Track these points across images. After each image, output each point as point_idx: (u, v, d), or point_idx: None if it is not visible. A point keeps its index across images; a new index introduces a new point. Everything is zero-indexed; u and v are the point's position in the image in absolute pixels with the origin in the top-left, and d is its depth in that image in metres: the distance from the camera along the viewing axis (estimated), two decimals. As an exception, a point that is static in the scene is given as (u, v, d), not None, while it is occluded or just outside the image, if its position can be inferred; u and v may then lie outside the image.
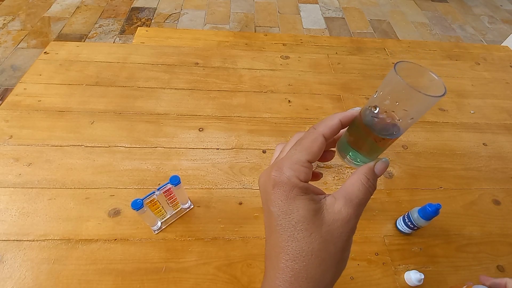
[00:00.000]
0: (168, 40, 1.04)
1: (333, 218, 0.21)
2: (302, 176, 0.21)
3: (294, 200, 0.21)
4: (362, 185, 0.22)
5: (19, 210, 0.57)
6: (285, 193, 0.21)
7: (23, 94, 0.77)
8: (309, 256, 0.20)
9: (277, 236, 0.21)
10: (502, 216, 0.64)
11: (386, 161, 0.23)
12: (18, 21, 2.00)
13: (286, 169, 0.21)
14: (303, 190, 0.21)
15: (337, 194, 0.22)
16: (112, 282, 0.50)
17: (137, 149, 0.68)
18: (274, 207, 0.21)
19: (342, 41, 1.09)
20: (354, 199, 0.21)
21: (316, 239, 0.20)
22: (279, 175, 0.21)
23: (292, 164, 0.21)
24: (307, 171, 0.22)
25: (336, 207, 0.21)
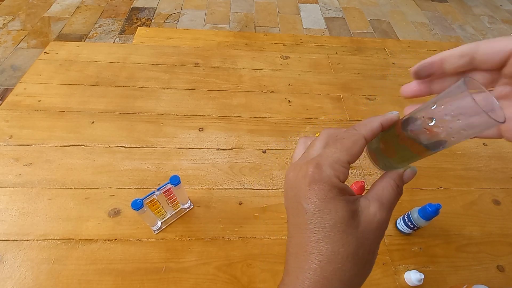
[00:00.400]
0: (168, 40, 1.04)
1: (368, 220, 0.20)
2: (342, 177, 0.21)
3: (333, 200, 0.20)
4: (392, 189, 0.22)
5: (19, 210, 0.57)
6: (323, 191, 0.20)
7: (23, 94, 0.77)
8: (345, 259, 0.19)
9: (309, 235, 0.20)
10: (502, 216, 0.64)
11: (414, 170, 0.23)
12: (18, 21, 2.00)
13: (326, 167, 0.20)
14: (341, 191, 0.20)
15: (370, 196, 0.21)
16: (112, 282, 0.50)
17: (137, 149, 0.68)
18: (310, 205, 0.20)
19: (342, 41, 1.09)
20: (386, 203, 0.21)
21: (353, 242, 0.20)
22: (318, 173, 0.20)
23: (333, 163, 0.21)
24: (346, 172, 0.21)
25: (371, 210, 0.21)
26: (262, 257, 0.55)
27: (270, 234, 0.57)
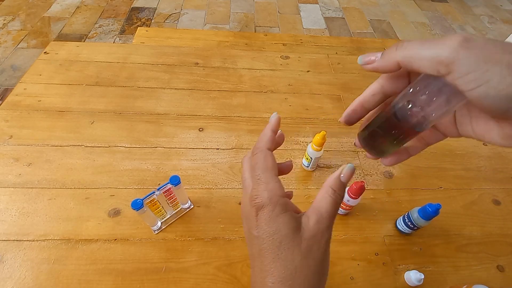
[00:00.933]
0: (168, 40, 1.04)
1: (309, 234, 0.22)
2: (279, 191, 0.23)
3: (277, 219, 0.22)
4: (329, 198, 0.23)
5: (19, 210, 0.57)
6: (268, 213, 0.22)
7: (23, 94, 0.77)
8: (294, 274, 0.21)
9: (262, 260, 0.22)
10: (502, 216, 0.64)
11: (351, 167, 0.24)
12: (18, 21, 2.00)
13: (262, 191, 0.23)
14: (283, 207, 0.22)
15: (309, 211, 0.23)
16: (112, 282, 0.50)
17: (137, 149, 0.68)
18: (259, 231, 0.22)
19: (342, 41, 1.09)
20: (324, 213, 0.23)
21: (298, 256, 0.21)
22: (260, 199, 0.22)
23: (266, 185, 0.23)
24: (281, 185, 0.23)
25: (311, 224, 0.22)
26: (262, 257, 0.54)
27: (270, 234, 0.57)
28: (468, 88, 0.17)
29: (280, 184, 0.23)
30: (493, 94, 0.16)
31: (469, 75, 0.17)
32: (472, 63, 0.16)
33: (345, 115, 0.25)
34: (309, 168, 0.67)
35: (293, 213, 0.23)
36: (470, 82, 0.17)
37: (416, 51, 0.19)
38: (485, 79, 0.16)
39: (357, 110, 0.25)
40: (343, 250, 0.56)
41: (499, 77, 0.16)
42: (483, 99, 0.17)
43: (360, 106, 0.24)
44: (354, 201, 0.55)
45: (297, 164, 0.69)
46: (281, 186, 0.23)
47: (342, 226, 0.60)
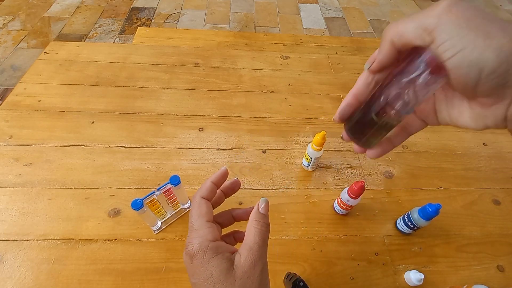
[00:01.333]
0: (168, 40, 1.04)
1: (242, 271, 0.23)
2: (210, 236, 0.24)
3: (209, 263, 0.23)
4: (254, 229, 0.25)
5: (19, 210, 0.57)
6: (200, 259, 0.23)
7: (23, 94, 0.77)
8: None
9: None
10: (502, 216, 0.64)
11: (265, 200, 0.27)
12: (18, 21, 2.00)
13: (194, 238, 0.24)
14: (214, 251, 0.23)
15: (241, 249, 0.25)
16: (112, 282, 0.50)
17: (137, 149, 0.68)
18: (196, 278, 0.23)
19: (342, 41, 1.09)
20: (253, 246, 0.24)
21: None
22: (191, 247, 0.24)
23: (197, 232, 0.25)
24: (212, 230, 0.25)
25: (242, 260, 0.23)
26: (262, 257, 0.54)
27: (270, 234, 0.57)
28: (446, 57, 0.17)
29: (212, 229, 0.25)
30: (465, 63, 0.16)
31: (447, 42, 0.16)
32: (452, 29, 0.16)
33: (340, 111, 0.25)
34: (309, 168, 0.67)
35: (226, 254, 0.24)
36: (448, 49, 0.16)
37: (405, 25, 0.18)
38: (460, 47, 0.16)
39: (351, 103, 0.24)
40: (343, 250, 0.56)
41: (472, 45, 0.15)
42: (457, 70, 0.16)
43: (355, 99, 0.24)
44: (354, 201, 0.55)
45: (297, 164, 0.69)
46: (213, 231, 0.25)
47: (342, 226, 0.60)
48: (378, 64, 0.22)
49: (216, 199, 0.30)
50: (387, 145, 0.26)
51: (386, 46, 0.20)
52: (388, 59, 0.21)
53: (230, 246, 0.26)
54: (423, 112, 0.24)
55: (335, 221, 0.60)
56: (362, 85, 0.23)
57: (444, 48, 0.16)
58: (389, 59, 0.21)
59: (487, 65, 0.16)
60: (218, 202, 0.30)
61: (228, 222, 0.30)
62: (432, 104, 0.23)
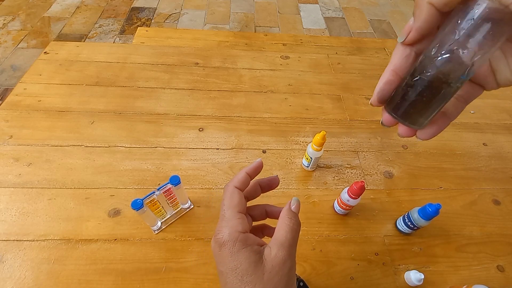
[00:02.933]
0: (168, 40, 1.04)
1: (271, 265, 0.23)
2: (240, 227, 0.24)
3: (238, 254, 0.23)
4: (287, 226, 0.25)
5: (19, 210, 0.57)
6: (229, 249, 0.23)
7: (23, 94, 0.77)
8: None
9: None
10: (502, 216, 0.64)
11: (296, 199, 0.28)
12: (18, 21, 2.00)
13: (224, 228, 0.24)
14: (244, 242, 0.23)
15: (271, 243, 0.24)
16: (112, 282, 0.50)
17: (137, 149, 0.68)
18: (223, 267, 0.23)
19: (342, 41, 1.09)
20: (284, 242, 0.24)
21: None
22: (221, 236, 0.24)
23: (227, 222, 0.24)
24: (242, 221, 0.25)
25: (272, 254, 0.23)
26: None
27: (270, 234, 0.57)
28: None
29: (243, 220, 0.25)
30: None
31: None
32: None
33: (378, 91, 0.22)
34: (309, 168, 0.67)
35: (254, 247, 0.24)
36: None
37: None
38: None
39: (391, 80, 0.21)
40: (343, 250, 0.56)
41: None
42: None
43: (394, 75, 0.21)
44: (354, 201, 0.55)
45: (297, 164, 0.69)
46: (243, 223, 0.25)
47: (342, 226, 0.60)
48: (416, 33, 0.19)
49: (252, 192, 0.29)
50: (442, 121, 0.22)
51: (425, 9, 0.17)
52: (428, 25, 0.18)
53: (259, 239, 0.26)
54: (479, 75, 0.20)
55: (335, 221, 0.60)
56: (400, 58, 0.20)
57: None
58: (429, 25, 0.18)
59: None
60: (254, 196, 0.30)
61: (261, 216, 0.30)
62: (487, 65, 0.20)
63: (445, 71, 0.18)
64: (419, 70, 0.20)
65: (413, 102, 0.20)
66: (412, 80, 0.20)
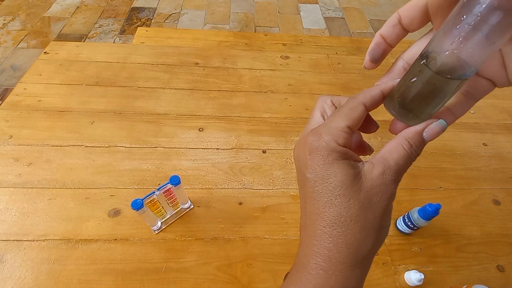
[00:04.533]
0: (168, 40, 1.04)
1: (371, 184, 0.20)
2: (340, 141, 0.20)
3: (332, 164, 0.20)
4: (402, 150, 0.20)
5: (19, 210, 0.57)
6: (322, 158, 0.20)
7: (23, 94, 0.77)
8: (348, 222, 0.19)
9: (314, 203, 0.20)
10: (502, 216, 0.64)
11: (442, 124, 0.20)
12: (18, 21, 2.00)
13: (324, 134, 0.20)
14: (341, 155, 0.20)
15: (375, 160, 0.21)
16: (112, 282, 0.50)
17: (137, 149, 0.68)
18: (311, 173, 0.20)
19: (342, 41, 1.09)
20: (393, 166, 0.20)
21: (355, 205, 0.19)
22: (317, 140, 0.20)
23: (330, 129, 0.21)
24: (346, 136, 0.21)
25: (374, 173, 0.20)
26: (262, 257, 0.55)
27: (270, 234, 0.57)
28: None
29: (348, 136, 0.21)
30: None
31: None
32: None
33: (369, 51, 0.22)
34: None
35: (352, 161, 0.20)
36: None
37: None
38: None
39: (380, 42, 0.22)
40: (343, 250, 0.56)
41: None
42: None
43: (382, 38, 0.22)
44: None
45: (297, 164, 0.69)
46: (348, 138, 0.21)
47: (342, 226, 0.60)
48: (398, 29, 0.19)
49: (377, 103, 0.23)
50: (448, 117, 0.21)
51: (417, 7, 0.18)
52: (392, 37, 0.19)
53: (356, 155, 0.22)
54: (490, 70, 0.20)
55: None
56: (388, 26, 0.21)
57: None
58: (393, 37, 0.19)
59: None
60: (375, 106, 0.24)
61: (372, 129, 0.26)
62: (498, 59, 0.19)
63: (447, 68, 0.18)
64: (417, 65, 0.19)
65: (413, 99, 0.20)
66: (413, 76, 0.20)
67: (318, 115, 0.24)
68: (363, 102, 0.22)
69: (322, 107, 0.25)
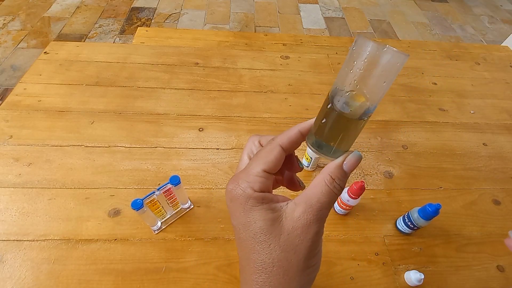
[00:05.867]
0: (168, 40, 1.04)
1: (292, 226, 0.20)
2: (256, 186, 0.21)
3: (251, 211, 0.20)
4: (324, 187, 0.21)
5: (19, 210, 0.57)
6: (241, 205, 0.20)
7: (23, 94, 0.77)
8: (271, 268, 0.19)
9: (242, 249, 0.21)
10: (502, 216, 0.64)
11: (356, 154, 0.22)
12: (18, 21, 2.00)
13: (241, 181, 0.21)
14: (258, 201, 0.20)
15: (298, 199, 0.21)
16: (112, 282, 0.50)
17: (137, 149, 0.68)
18: (234, 221, 0.21)
19: (342, 41, 1.09)
20: (314, 204, 0.20)
21: (276, 250, 0.19)
22: (234, 188, 0.21)
23: (247, 175, 0.21)
24: (263, 181, 0.21)
25: (296, 214, 0.20)
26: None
27: (270, 234, 0.57)
28: None
29: (266, 180, 0.21)
30: None
31: None
32: None
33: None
34: (309, 168, 0.67)
35: (272, 204, 0.21)
36: None
37: None
38: None
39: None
40: (343, 250, 0.56)
41: None
42: None
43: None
44: (354, 201, 0.55)
45: (297, 164, 0.69)
46: (265, 182, 0.21)
47: (342, 226, 0.60)
48: None
49: (294, 145, 0.24)
50: None
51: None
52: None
53: (279, 196, 0.22)
54: None
55: (335, 221, 0.60)
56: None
57: None
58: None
59: None
60: (294, 148, 0.25)
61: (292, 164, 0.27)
62: None
63: (349, 107, 0.20)
64: (326, 107, 0.22)
65: (327, 136, 0.23)
66: (323, 116, 0.22)
67: (245, 158, 0.25)
68: (280, 144, 0.23)
69: (250, 148, 0.25)
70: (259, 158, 0.22)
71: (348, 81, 0.20)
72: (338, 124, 0.22)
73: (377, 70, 0.19)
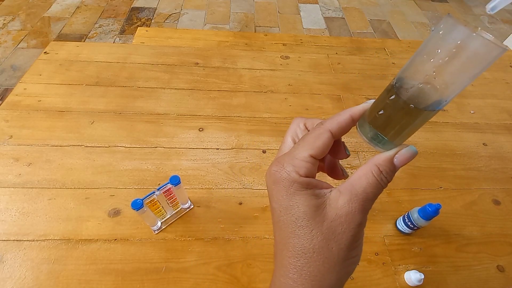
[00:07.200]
0: (168, 40, 1.04)
1: (335, 213, 0.19)
2: (302, 171, 0.20)
3: (294, 195, 0.20)
4: (372, 178, 0.20)
5: (19, 210, 0.57)
6: (285, 188, 0.20)
7: (23, 94, 0.77)
8: (311, 254, 0.19)
9: (280, 232, 0.20)
10: (502, 216, 0.64)
11: (412, 150, 0.20)
12: (18, 21, 2.00)
13: (287, 164, 0.20)
14: (303, 185, 0.20)
15: (342, 187, 0.20)
16: (112, 282, 0.50)
17: (137, 149, 0.68)
18: (276, 203, 0.20)
19: (342, 41, 1.09)
20: (360, 194, 0.19)
21: (318, 236, 0.19)
22: (279, 171, 0.20)
23: (293, 159, 0.21)
24: (309, 166, 0.20)
25: (340, 202, 0.19)
26: (262, 257, 0.55)
27: (270, 234, 0.57)
28: None
29: (312, 165, 0.21)
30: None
31: None
32: None
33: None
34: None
35: (317, 190, 0.20)
36: None
37: None
38: None
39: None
40: (343, 250, 0.56)
41: None
42: None
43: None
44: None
45: (297, 164, 0.69)
46: (311, 168, 0.21)
47: (342, 226, 0.60)
48: None
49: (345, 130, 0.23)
50: None
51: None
52: None
53: (323, 183, 0.21)
54: None
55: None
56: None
57: None
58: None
59: None
60: (345, 132, 0.23)
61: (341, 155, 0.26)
62: None
63: (420, 99, 0.18)
64: (391, 95, 0.20)
65: (385, 126, 0.21)
66: (385, 104, 0.20)
67: (289, 140, 0.25)
68: (329, 129, 0.22)
69: (295, 131, 0.25)
70: (306, 142, 0.21)
71: (424, 71, 0.17)
72: (402, 118, 0.19)
73: (468, 63, 0.16)
